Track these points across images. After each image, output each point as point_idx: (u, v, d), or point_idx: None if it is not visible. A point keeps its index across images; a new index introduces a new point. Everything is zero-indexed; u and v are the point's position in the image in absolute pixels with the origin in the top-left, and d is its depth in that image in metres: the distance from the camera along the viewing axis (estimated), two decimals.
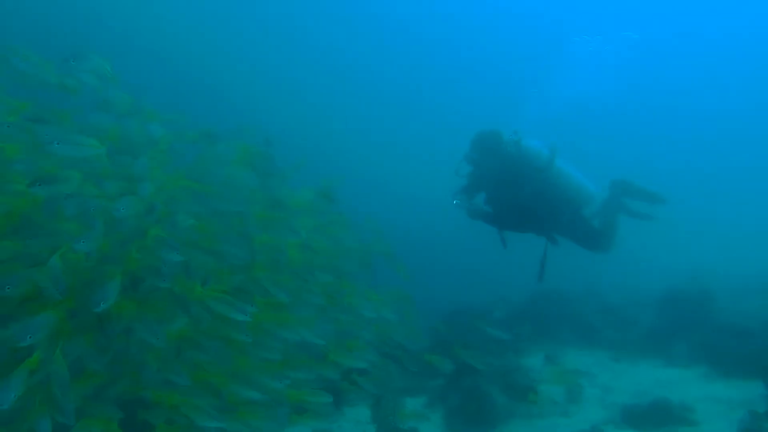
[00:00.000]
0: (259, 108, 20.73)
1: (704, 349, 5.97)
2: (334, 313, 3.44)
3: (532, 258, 5.00)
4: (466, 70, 23.17)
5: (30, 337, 2.35)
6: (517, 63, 20.39)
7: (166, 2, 17.25)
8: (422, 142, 23.04)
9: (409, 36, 22.38)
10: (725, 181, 18.98)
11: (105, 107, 3.52)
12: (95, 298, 2.46)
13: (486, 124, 5.03)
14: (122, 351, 2.86)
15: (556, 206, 4.72)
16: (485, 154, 4.69)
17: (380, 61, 22.88)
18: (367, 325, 3.57)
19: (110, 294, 2.49)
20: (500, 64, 22.29)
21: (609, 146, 20.49)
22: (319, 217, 3.73)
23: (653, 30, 19.96)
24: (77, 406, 2.59)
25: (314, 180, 3.80)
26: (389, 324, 3.67)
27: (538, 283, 4.84)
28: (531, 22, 21.65)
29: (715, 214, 15.42)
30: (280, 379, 2.99)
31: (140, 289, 2.91)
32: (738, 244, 12.28)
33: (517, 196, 4.64)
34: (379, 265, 3.92)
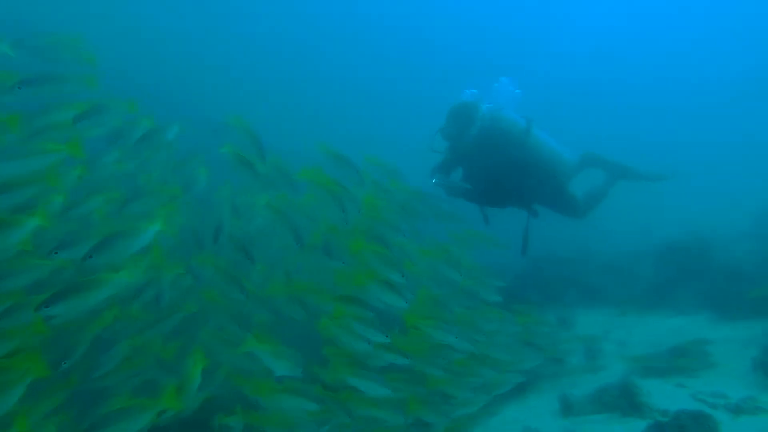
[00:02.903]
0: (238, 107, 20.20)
1: (707, 295, 6.21)
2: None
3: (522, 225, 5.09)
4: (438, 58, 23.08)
5: None
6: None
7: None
8: (395, 122, 22.88)
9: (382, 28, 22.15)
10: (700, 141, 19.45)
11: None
12: None
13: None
14: None
15: (535, 176, 4.76)
16: (462, 127, 4.68)
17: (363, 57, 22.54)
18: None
19: None
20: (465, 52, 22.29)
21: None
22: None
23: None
24: None
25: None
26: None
27: (523, 256, 4.91)
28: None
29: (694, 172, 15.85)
30: None
31: None
32: (718, 197, 12.67)
33: (496, 168, 4.67)
34: None
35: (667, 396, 4.10)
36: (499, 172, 4.68)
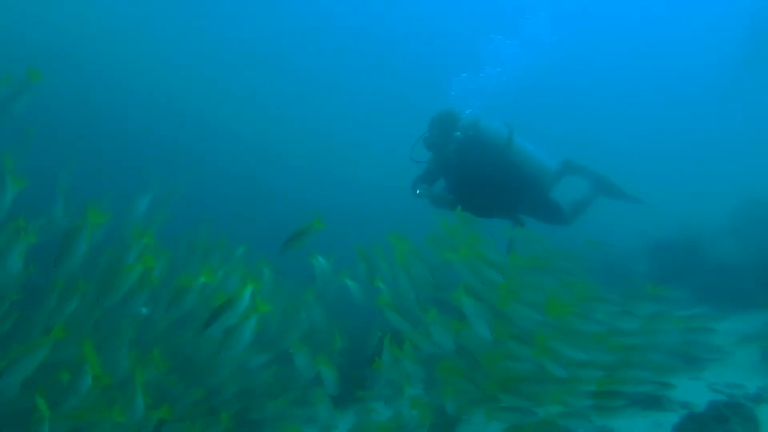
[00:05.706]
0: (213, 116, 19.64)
1: (704, 291, 6.33)
2: None
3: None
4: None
5: None
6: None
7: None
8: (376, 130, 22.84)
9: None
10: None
11: None
12: None
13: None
14: None
15: (517, 185, 4.76)
16: (444, 136, 4.64)
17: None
18: None
19: None
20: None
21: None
22: None
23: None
24: None
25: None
26: None
27: None
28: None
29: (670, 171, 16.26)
30: None
31: None
32: (701, 192, 13.04)
33: (478, 178, 4.64)
34: None
35: (684, 388, 4.13)
36: (481, 181, 4.64)
